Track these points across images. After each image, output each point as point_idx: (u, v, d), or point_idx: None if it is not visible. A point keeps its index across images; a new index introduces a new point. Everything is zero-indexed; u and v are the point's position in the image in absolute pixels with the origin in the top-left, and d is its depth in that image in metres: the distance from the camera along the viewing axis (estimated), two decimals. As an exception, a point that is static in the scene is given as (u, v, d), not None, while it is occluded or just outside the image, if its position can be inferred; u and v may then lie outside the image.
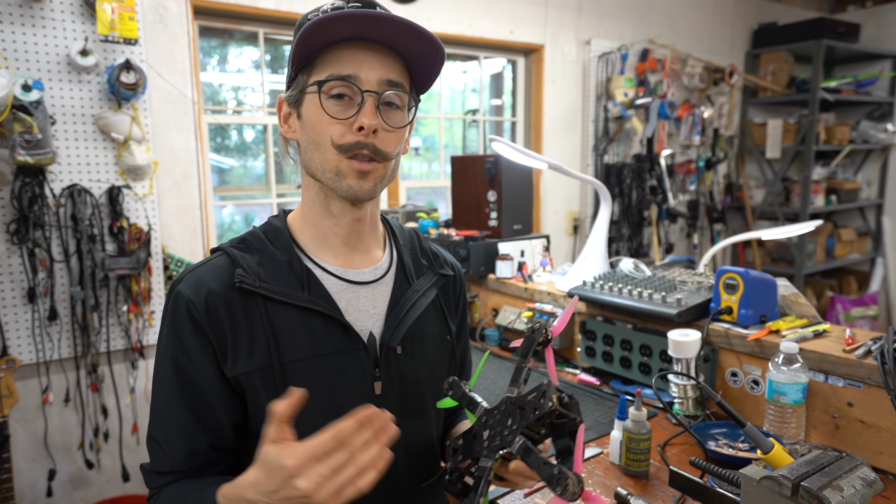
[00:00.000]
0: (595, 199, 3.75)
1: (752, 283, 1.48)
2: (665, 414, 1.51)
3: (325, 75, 0.83)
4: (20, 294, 2.13)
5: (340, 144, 0.84)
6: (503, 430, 0.76)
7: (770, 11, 4.61)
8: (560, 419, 0.74)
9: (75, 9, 2.12)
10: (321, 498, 0.64)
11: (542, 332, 0.85)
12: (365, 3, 0.84)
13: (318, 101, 0.84)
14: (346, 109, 0.84)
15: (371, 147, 0.84)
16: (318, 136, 0.85)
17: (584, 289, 1.83)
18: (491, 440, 0.77)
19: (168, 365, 0.84)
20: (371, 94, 0.83)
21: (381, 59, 0.84)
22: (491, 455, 0.76)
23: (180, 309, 0.84)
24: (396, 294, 0.95)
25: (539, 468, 0.70)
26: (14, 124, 1.96)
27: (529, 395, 0.75)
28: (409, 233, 1.06)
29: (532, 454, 0.71)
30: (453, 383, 0.84)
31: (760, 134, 4.41)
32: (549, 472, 0.68)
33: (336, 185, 0.86)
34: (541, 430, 0.76)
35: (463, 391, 0.83)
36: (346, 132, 0.83)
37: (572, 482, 0.65)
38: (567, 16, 3.52)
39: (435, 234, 2.39)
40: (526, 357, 0.85)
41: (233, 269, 0.86)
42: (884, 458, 1.24)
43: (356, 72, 0.83)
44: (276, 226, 0.93)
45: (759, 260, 4.63)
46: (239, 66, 2.87)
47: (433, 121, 3.43)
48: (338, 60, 0.83)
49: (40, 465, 2.26)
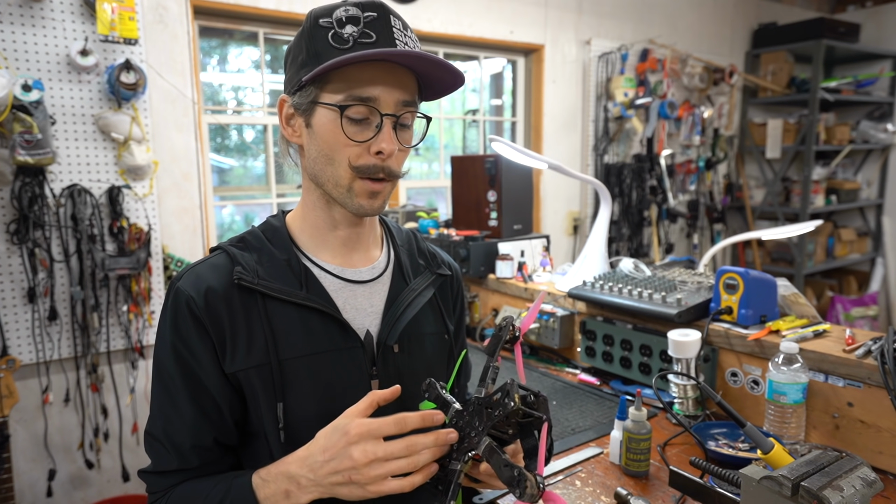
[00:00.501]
0: (595, 199, 3.75)
1: (752, 283, 1.48)
2: (665, 414, 1.51)
3: (342, 94, 0.82)
4: (20, 294, 2.13)
5: (357, 166, 0.84)
6: (471, 431, 0.75)
7: (770, 11, 4.61)
8: (526, 418, 0.74)
9: (75, 9, 2.13)
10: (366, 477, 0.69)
11: (510, 329, 0.84)
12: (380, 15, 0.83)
13: (338, 121, 0.83)
14: (363, 131, 0.83)
15: (387, 170, 0.85)
16: (333, 153, 0.85)
17: (584, 289, 1.83)
18: (460, 442, 0.76)
19: (170, 360, 0.84)
20: (389, 118, 0.83)
21: (399, 80, 0.84)
22: (460, 457, 0.75)
23: (180, 305, 0.84)
24: (393, 293, 0.96)
25: (499, 470, 0.69)
26: (14, 124, 1.96)
27: (495, 395, 0.74)
28: (407, 233, 1.07)
29: (495, 455, 0.71)
30: (429, 385, 0.83)
31: (760, 134, 4.41)
32: (508, 474, 0.67)
33: (346, 201, 0.87)
34: (508, 429, 0.76)
35: (437, 392, 0.81)
36: (363, 154, 0.84)
37: (531, 484, 0.65)
38: (567, 16, 3.52)
39: (435, 234, 2.39)
40: (493, 355, 0.83)
41: (232, 267, 0.87)
42: (884, 458, 1.24)
43: (377, 94, 0.82)
44: (274, 225, 0.94)
45: (759, 260, 4.63)
46: (239, 66, 2.87)
47: (433, 121, 3.43)
48: (357, 80, 0.82)
49: (40, 465, 2.26)
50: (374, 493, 0.71)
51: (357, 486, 0.71)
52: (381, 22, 0.82)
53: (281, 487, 0.75)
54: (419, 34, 3.01)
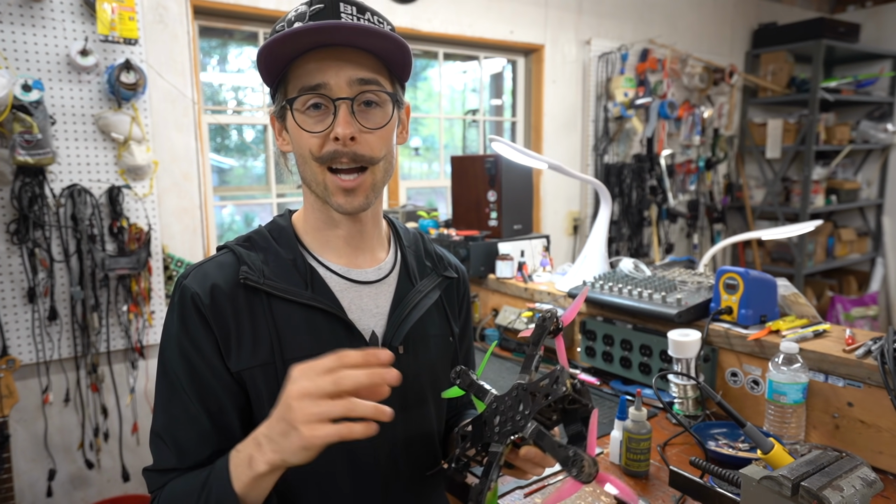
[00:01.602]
0: (595, 199, 3.75)
1: (752, 283, 1.48)
2: (665, 414, 1.51)
3: (296, 90, 0.83)
4: (20, 294, 2.13)
5: (319, 156, 0.84)
6: (515, 415, 0.77)
7: (770, 11, 4.61)
8: (572, 405, 0.76)
9: (75, 9, 2.13)
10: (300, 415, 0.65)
11: (553, 321, 0.86)
12: (328, 5, 0.82)
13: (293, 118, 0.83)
14: (321, 120, 0.83)
15: (350, 154, 0.83)
16: (302, 149, 0.85)
17: (583, 289, 1.83)
18: (502, 426, 0.78)
19: (176, 357, 0.84)
20: (343, 101, 0.82)
21: (348, 61, 0.82)
22: (502, 440, 0.77)
23: (186, 301, 0.84)
24: (399, 294, 0.96)
25: (554, 451, 0.70)
26: (14, 124, 1.96)
27: (542, 381, 0.76)
28: (415, 234, 1.07)
29: (546, 438, 0.73)
30: (461, 372, 0.86)
31: (760, 134, 4.41)
32: (564, 454, 0.69)
33: (327, 199, 0.87)
34: (552, 415, 0.77)
35: (471, 379, 0.85)
36: (324, 143, 0.83)
37: (588, 463, 0.66)
38: (567, 16, 3.52)
39: (435, 234, 2.39)
40: (537, 345, 0.85)
41: (238, 266, 0.87)
42: (884, 458, 1.24)
43: (324, 80, 0.81)
44: (280, 225, 0.94)
45: (759, 260, 4.63)
46: (239, 66, 2.87)
47: (433, 121, 3.43)
48: (305, 71, 0.82)
49: (40, 465, 2.26)
50: (310, 439, 0.64)
51: (294, 431, 0.65)
52: (328, 11, 0.82)
53: (247, 453, 0.72)
54: (419, 34, 3.02)
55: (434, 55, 3.27)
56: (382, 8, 2.83)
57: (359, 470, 0.90)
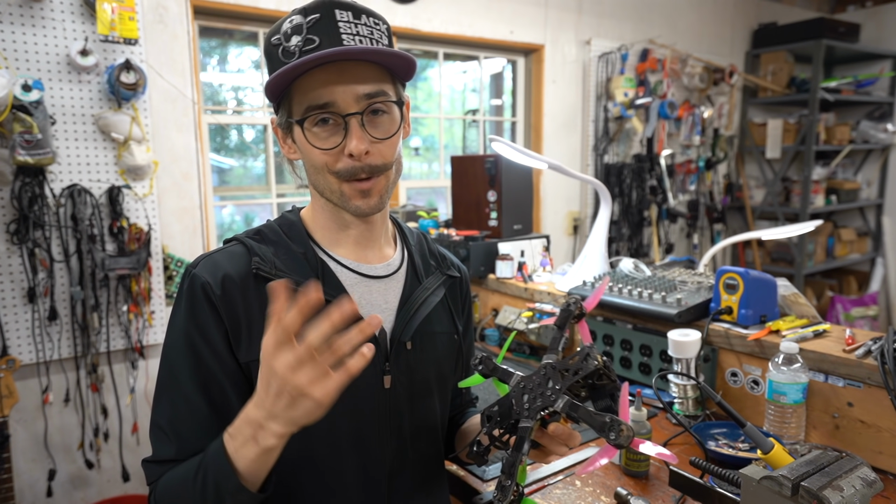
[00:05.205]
0: (595, 199, 3.75)
1: (752, 283, 1.48)
2: (665, 414, 1.51)
3: (302, 109, 0.83)
4: (20, 294, 2.13)
5: (337, 171, 0.84)
6: (545, 391, 0.80)
7: (770, 11, 4.61)
8: (601, 381, 0.79)
9: (75, 9, 2.13)
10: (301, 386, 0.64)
11: (578, 306, 0.89)
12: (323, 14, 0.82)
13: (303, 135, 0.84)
14: (332, 136, 0.83)
15: (367, 169, 0.84)
16: (314, 163, 0.86)
17: (583, 289, 1.83)
18: (531, 402, 0.81)
19: (181, 347, 0.83)
20: (353, 117, 0.82)
21: (354, 75, 0.82)
22: (532, 415, 0.80)
23: (196, 290, 0.83)
24: (407, 291, 0.97)
25: (590, 418, 0.73)
26: (14, 124, 1.96)
27: (571, 359, 0.79)
28: (418, 234, 1.08)
29: (580, 408, 0.76)
30: (485, 359, 0.89)
31: (760, 134, 4.41)
32: (600, 420, 0.71)
33: (343, 205, 0.88)
34: (581, 392, 0.81)
35: (494, 364, 0.88)
36: (339, 158, 0.84)
37: (626, 427, 0.69)
38: (567, 16, 3.52)
39: (435, 234, 2.38)
40: (562, 328, 0.89)
41: (249, 257, 0.87)
42: (884, 458, 1.24)
43: (332, 98, 0.82)
44: (290, 219, 0.95)
45: (759, 260, 4.63)
46: (239, 66, 2.87)
47: (433, 121, 3.43)
48: (310, 90, 0.82)
49: (40, 465, 2.26)
50: (324, 396, 0.65)
51: (304, 397, 0.65)
52: (325, 22, 0.81)
53: (247, 434, 0.72)
54: (419, 34, 3.02)
55: (434, 55, 3.27)
56: (382, 8, 2.83)
57: (366, 462, 0.91)
